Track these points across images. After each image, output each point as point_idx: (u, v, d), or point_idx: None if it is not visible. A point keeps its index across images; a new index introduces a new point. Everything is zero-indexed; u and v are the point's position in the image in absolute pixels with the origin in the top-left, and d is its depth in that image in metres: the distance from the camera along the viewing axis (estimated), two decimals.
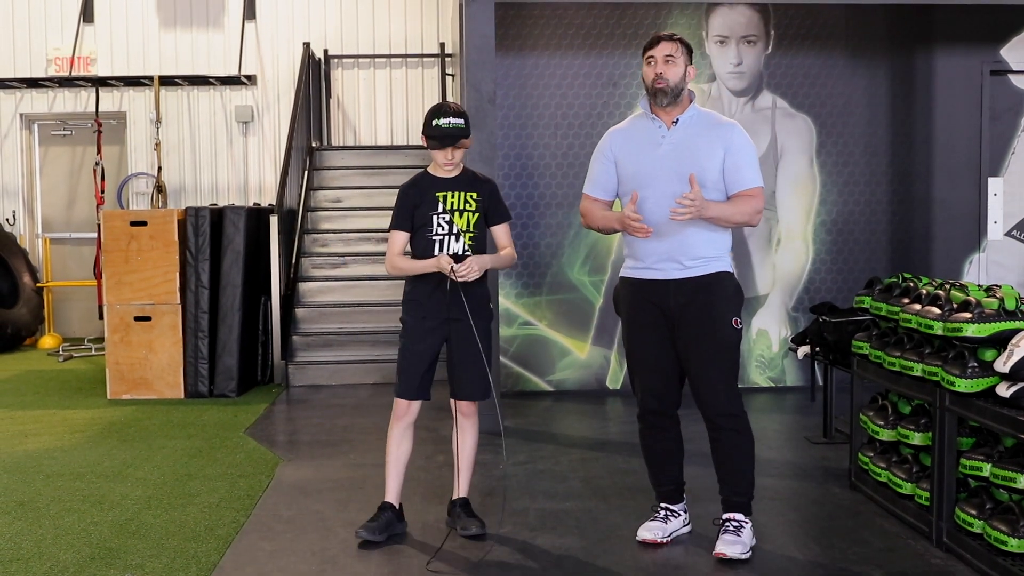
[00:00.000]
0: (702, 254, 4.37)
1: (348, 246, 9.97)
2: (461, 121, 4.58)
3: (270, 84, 12.14)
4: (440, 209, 4.61)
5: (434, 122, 4.57)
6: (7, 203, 12.26)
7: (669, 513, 4.62)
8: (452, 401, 4.74)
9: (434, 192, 4.63)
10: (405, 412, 4.72)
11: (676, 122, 4.41)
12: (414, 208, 4.64)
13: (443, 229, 4.60)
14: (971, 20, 8.23)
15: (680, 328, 4.38)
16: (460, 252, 4.60)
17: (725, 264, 4.45)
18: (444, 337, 4.65)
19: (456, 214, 4.61)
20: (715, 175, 4.36)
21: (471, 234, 4.63)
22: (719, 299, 4.37)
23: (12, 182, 12.30)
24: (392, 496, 4.74)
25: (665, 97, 4.37)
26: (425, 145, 4.63)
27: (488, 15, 6.81)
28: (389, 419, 4.74)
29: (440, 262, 4.50)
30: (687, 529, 4.66)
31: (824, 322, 6.20)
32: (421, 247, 4.64)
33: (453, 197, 4.62)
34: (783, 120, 8.27)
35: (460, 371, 4.67)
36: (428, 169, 4.73)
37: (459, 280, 4.48)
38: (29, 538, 4.74)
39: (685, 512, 4.67)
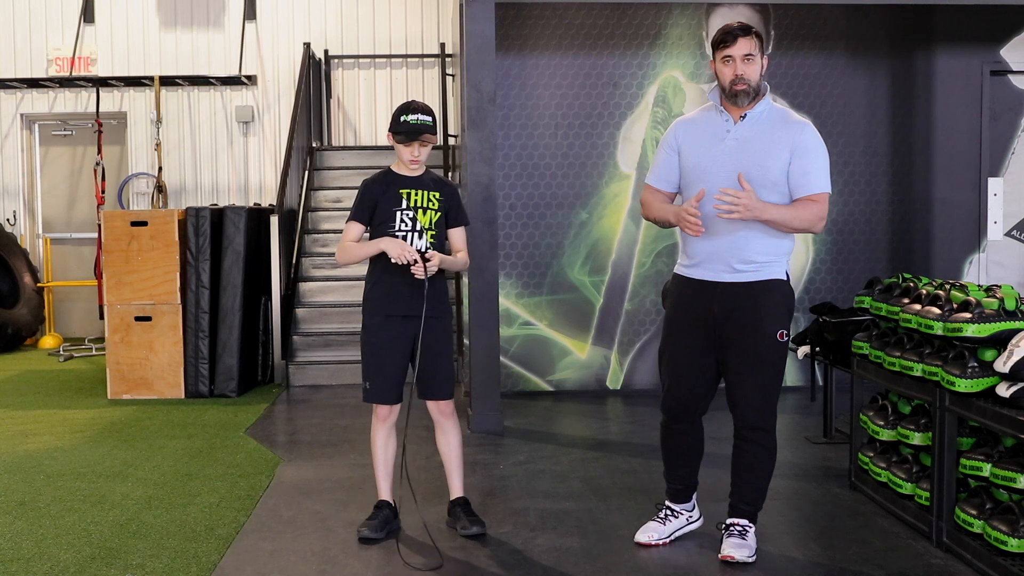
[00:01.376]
0: (755, 259, 4.23)
1: None
2: (428, 119, 4.57)
3: (270, 84, 12.15)
4: (404, 206, 4.61)
5: (401, 118, 4.57)
6: (8, 203, 12.27)
7: (670, 513, 4.59)
8: (427, 403, 4.74)
9: (398, 189, 4.63)
10: (388, 415, 4.73)
11: (744, 117, 4.26)
12: (375, 203, 4.64)
13: (406, 226, 4.60)
14: (971, 20, 8.23)
15: (723, 334, 4.27)
16: (423, 250, 4.59)
17: (779, 271, 4.30)
18: (410, 336, 4.63)
19: (420, 211, 4.62)
20: (776, 176, 4.20)
21: (433, 232, 4.63)
22: (766, 310, 4.24)
23: (13, 182, 12.31)
24: (386, 494, 4.78)
25: (746, 98, 4.22)
26: (391, 142, 4.64)
27: (488, 15, 6.81)
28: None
29: (402, 250, 4.46)
30: (694, 526, 4.62)
31: (824, 322, 6.21)
32: None
33: (417, 195, 4.62)
34: None
35: (430, 371, 4.66)
36: (392, 167, 4.72)
37: (423, 275, 4.47)
38: (30, 538, 4.75)
39: (690, 511, 4.63)
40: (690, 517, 4.63)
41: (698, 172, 4.29)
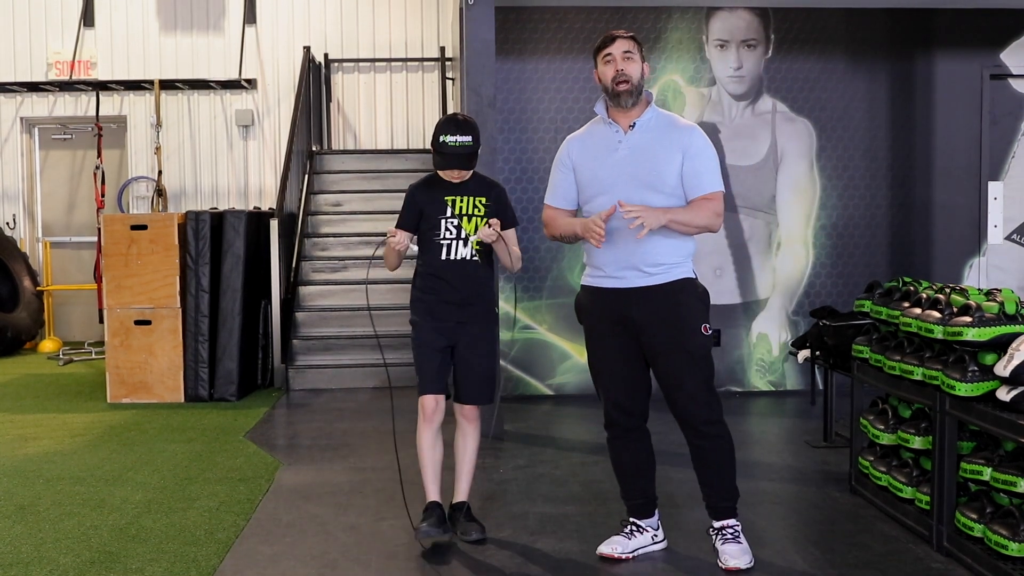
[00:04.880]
0: (663, 260, 4.24)
1: (348, 250, 9.97)
2: (469, 139, 4.51)
3: (270, 88, 12.15)
4: (448, 213, 4.59)
5: (442, 138, 4.51)
6: (7, 207, 12.27)
7: (635, 528, 4.51)
8: (455, 405, 4.74)
9: (443, 196, 4.60)
10: (433, 411, 4.63)
11: (633, 126, 4.29)
12: (422, 210, 4.62)
13: (451, 234, 4.58)
14: (971, 24, 8.24)
15: (647, 339, 4.27)
16: (468, 257, 4.59)
17: (688, 270, 4.32)
18: (452, 338, 4.63)
19: (464, 219, 4.59)
20: (673, 180, 4.24)
21: (479, 239, 4.60)
22: (685, 307, 4.25)
23: (12, 186, 12.31)
24: (435, 495, 4.68)
25: (630, 97, 4.24)
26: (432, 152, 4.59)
27: (488, 19, 6.81)
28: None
29: (393, 239, 4.51)
30: (659, 547, 4.53)
31: (824, 326, 6.20)
32: (429, 250, 4.63)
33: (462, 202, 4.60)
34: (783, 124, 8.27)
35: (464, 375, 4.67)
36: (438, 171, 4.69)
37: (481, 240, 4.51)
38: (29, 542, 4.74)
39: (656, 528, 4.55)
40: (655, 536, 4.54)
41: (596, 185, 4.31)
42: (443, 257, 4.58)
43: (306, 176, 10.87)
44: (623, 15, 8.06)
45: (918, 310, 4.66)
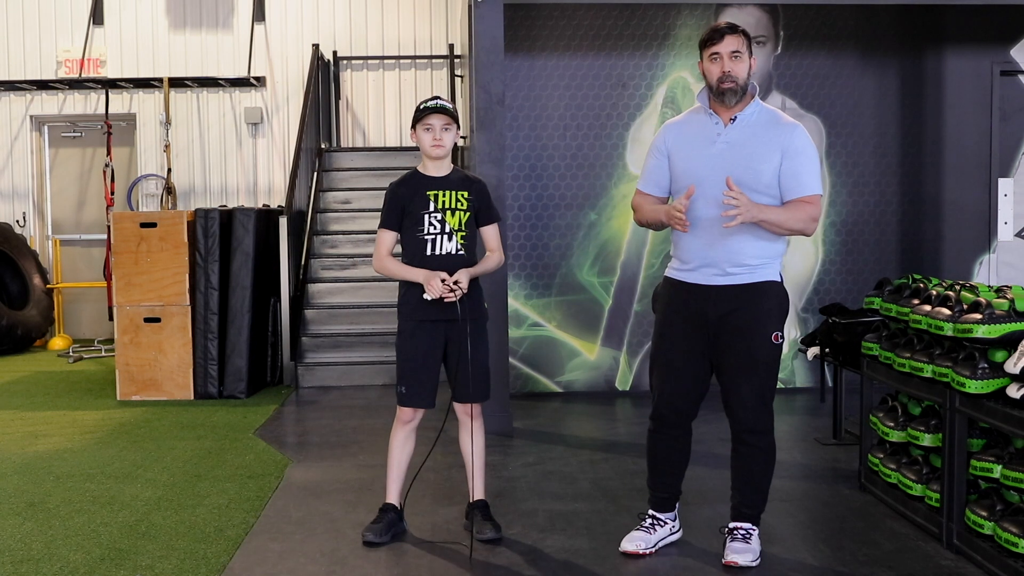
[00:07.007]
0: (748, 261, 4.17)
1: (357, 247, 9.98)
2: (447, 103, 4.55)
3: (279, 86, 12.16)
4: (432, 208, 4.55)
5: (420, 107, 4.55)
6: (17, 205, 12.30)
7: (655, 522, 4.50)
8: (455, 404, 4.70)
9: (425, 191, 4.56)
10: (411, 418, 4.68)
11: (734, 120, 4.21)
12: (404, 207, 4.59)
13: (435, 228, 4.54)
14: (981, 20, 8.21)
15: (718, 337, 4.22)
16: (454, 251, 4.54)
17: (773, 272, 4.24)
18: (443, 340, 4.59)
19: (448, 213, 4.55)
20: (768, 179, 4.14)
21: (463, 233, 4.56)
22: (760, 312, 4.18)
23: (22, 184, 12.34)
24: (393, 497, 4.75)
25: (734, 96, 4.18)
26: (414, 140, 4.59)
27: (497, 16, 6.81)
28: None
29: (433, 281, 4.40)
30: (675, 537, 4.55)
31: (834, 323, 6.19)
32: (413, 246, 4.58)
33: (444, 196, 4.56)
34: None
35: (461, 374, 4.61)
36: (418, 168, 4.67)
37: (455, 299, 4.43)
38: (39, 539, 4.75)
39: (673, 521, 4.55)
40: (672, 528, 4.54)
41: (689, 177, 4.23)
42: (428, 253, 4.53)
43: (315, 173, 10.88)
44: (632, 11, 8.05)
45: (928, 307, 4.65)
